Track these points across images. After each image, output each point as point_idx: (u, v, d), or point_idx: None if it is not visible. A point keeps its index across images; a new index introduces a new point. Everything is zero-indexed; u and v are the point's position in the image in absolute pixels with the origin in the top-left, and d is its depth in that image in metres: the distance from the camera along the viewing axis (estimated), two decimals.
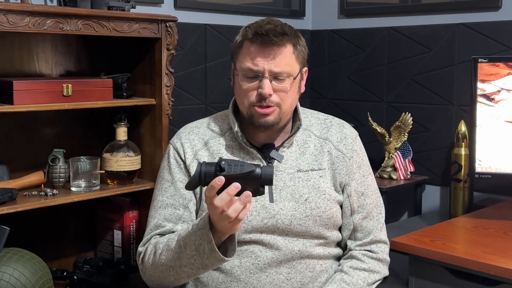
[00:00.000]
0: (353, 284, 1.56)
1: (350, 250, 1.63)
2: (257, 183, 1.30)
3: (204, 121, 1.68)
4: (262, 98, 1.50)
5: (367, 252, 1.62)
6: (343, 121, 1.70)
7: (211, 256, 1.37)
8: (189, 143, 1.61)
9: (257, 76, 1.50)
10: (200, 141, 1.61)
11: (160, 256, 1.48)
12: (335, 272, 1.61)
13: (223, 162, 1.29)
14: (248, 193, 1.29)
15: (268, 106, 1.51)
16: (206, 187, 1.31)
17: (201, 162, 1.32)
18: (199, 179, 1.31)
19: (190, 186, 1.36)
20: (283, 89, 1.51)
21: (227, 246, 1.40)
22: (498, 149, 2.00)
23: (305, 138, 1.62)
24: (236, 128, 1.57)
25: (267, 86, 1.49)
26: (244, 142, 1.56)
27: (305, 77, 1.60)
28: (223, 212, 1.29)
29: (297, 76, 1.54)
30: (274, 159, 1.56)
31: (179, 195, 1.57)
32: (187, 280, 1.51)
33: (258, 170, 1.30)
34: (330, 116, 1.70)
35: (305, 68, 1.59)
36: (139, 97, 2.07)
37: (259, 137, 1.58)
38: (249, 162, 1.36)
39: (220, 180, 1.28)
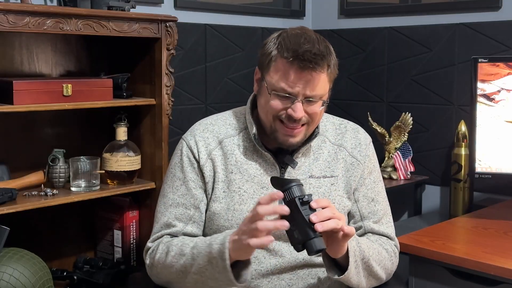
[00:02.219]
0: (378, 252, 1.52)
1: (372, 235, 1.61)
2: (305, 239, 1.28)
3: (219, 118, 1.63)
4: (291, 119, 1.46)
5: (388, 240, 1.60)
6: (358, 126, 1.68)
7: (223, 274, 1.36)
8: (203, 142, 1.57)
9: (290, 97, 1.45)
10: (214, 139, 1.57)
11: (172, 258, 1.47)
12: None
13: (307, 197, 1.29)
14: (286, 223, 1.27)
15: (295, 127, 1.48)
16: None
17: (297, 179, 1.33)
18: (283, 184, 1.31)
19: (274, 182, 1.37)
20: (313, 110, 1.48)
21: (241, 269, 1.38)
22: (498, 149, 2.00)
23: (320, 144, 1.59)
24: (254, 130, 1.53)
25: (299, 109, 1.45)
26: (260, 145, 1.53)
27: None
28: (254, 218, 1.28)
29: (327, 98, 1.51)
30: (288, 164, 1.54)
31: (191, 195, 1.55)
32: (196, 287, 1.48)
33: (313, 235, 1.28)
34: (345, 121, 1.68)
35: (331, 84, 1.54)
36: (139, 97, 2.07)
37: (275, 142, 1.54)
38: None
39: (284, 209, 1.27)
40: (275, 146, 1.55)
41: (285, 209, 1.28)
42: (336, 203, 1.55)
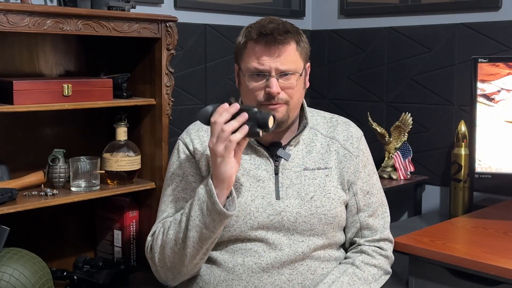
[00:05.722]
0: (364, 279, 1.57)
1: (360, 245, 1.64)
2: (255, 118, 1.41)
3: None
4: (270, 96, 1.52)
5: (376, 248, 1.64)
6: (349, 120, 1.72)
7: (213, 212, 1.42)
8: (199, 139, 1.63)
9: (264, 75, 1.52)
10: (209, 137, 1.60)
11: (169, 231, 1.52)
12: (345, 261, 1.62)
13: (233, 98, 1.45)
14: (245, 114, 1.41)
15: (277, 104, 1.53)
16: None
17: (212, 104, 1.47)
18: (207, 114, 1.45)
19: (202, 117, 1.48)
20: (290, 86, 1.54)
21: (227, 208, 1.45)
22: (498, 149, 2.00)
23: (312, 137, 1.64)
24: None
25: (275, 84, 1.51)
26: (252, 140, 1.58)
27: (308, 72, 1.63)
28: (217, 129, 1.41)
29: (302, 72, 1.57)
30: (281, 157, 1.57)
31: (191, 189, 1.59)
32: (193, 254, 1.49)
33: (256, 111, 1.43)
34: (336, 115, 1.72)
35: (308, 64, 1.61)
36: (139, 97, 2.07)
37: (267, 135, 1.58)
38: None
39: (235, 107, 1.41)
40: (267, 141, 1.61)
41: (237, 106, 1.42)
42: (332, 194, 1.59)
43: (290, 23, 1.58)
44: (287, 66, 1.52)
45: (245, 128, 1.39)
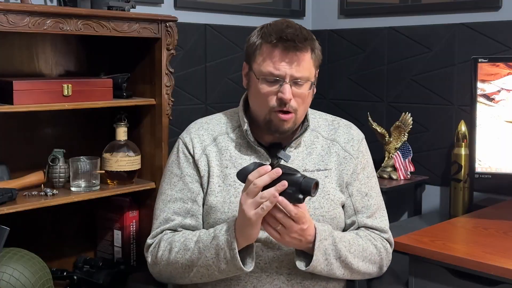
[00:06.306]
0: (362, 248, 1.55)
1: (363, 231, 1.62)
2: (299, 185, 1.34)
3: (213, 117, 1.70)
4: (282, 102, 1.51)
5: (379, 236, 1.62)
6: (351, 123, 1.71)
7: (230, 263, 1.41)
8: (198, 138, 1.62)
9: (278, 80, 1.51)
10: (209, 136, 1.62)
11: (177, 254, 1.50)
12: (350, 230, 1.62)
13: (276, 162, 1.38)
14: (285, 182, 1.34)
15: (288, 112, 1.52)
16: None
17: (253, 162, 1.41)
18: (246, 171, 1.38)
19: (241, 177, 1.41)
20: (301, 94, 1.53)
21: (244, 257, 1.43)
22: (498, 149, 2.00)
23: (313, 139, 1.63)
24: (246, 126, 1.58)
25: (288, 91, 1.50)
26: (253, 141, 1.58)
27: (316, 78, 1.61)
28: (253, 192, 1.35)
29: (314, 81, 1.56)
30: (281, 158, 1.56)
31: (188, 189, 1.59)
32: (200, 281, 1.52)
33: (302, 178, 1.35)
34: (338, 118, 1.71)
35: (317, 71, 1.60)
36: (139, 97, 2.07)
37: (267, 136, 1.59)
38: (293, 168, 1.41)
39: (277, 173, 1.34)
40: (268, 141, 1.60)
41: (278, 171, 1.35)
42: (331, 195, 1.58)
43: (306, 28, 1.56)
44: (301, 73, 1.51)
45: (276, 198, 1.34)
